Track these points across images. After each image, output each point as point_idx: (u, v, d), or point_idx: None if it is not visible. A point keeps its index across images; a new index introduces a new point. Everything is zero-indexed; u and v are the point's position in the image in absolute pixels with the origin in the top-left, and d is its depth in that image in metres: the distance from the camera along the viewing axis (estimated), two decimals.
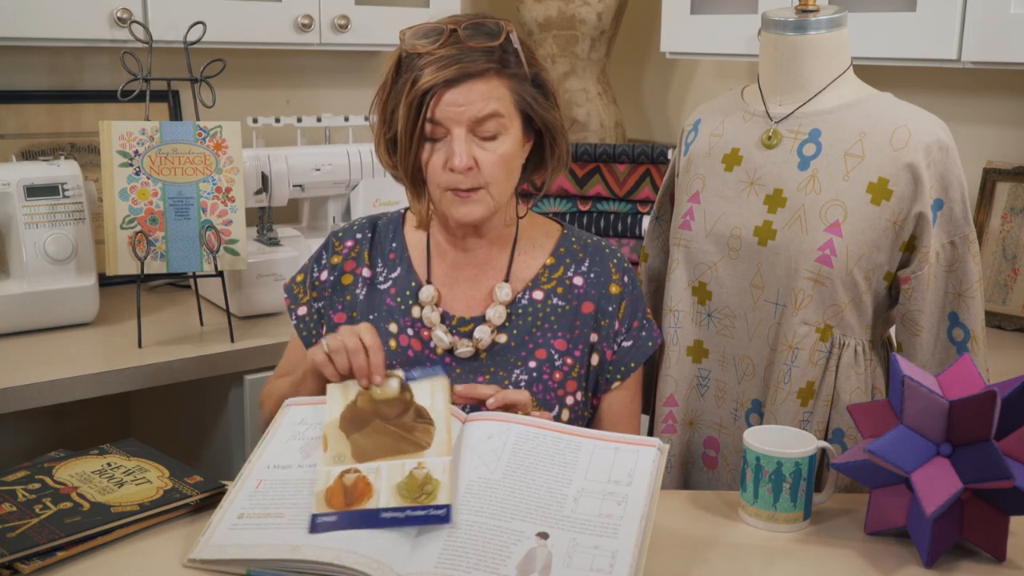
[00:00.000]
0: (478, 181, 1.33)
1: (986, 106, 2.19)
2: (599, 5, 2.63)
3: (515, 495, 1.16)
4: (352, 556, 1.07)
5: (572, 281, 1.44)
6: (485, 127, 1.31)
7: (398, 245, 1.47)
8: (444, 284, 1.44)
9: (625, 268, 1.47)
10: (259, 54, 2.47)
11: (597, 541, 1.11)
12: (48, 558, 1.13)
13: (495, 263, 1.44)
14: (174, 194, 1.86)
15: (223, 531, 1.14)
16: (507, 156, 1.34)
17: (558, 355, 1.41)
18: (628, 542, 1.10)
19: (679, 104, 2.89)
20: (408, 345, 1.42)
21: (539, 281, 1.44)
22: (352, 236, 1.49)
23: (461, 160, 1.30)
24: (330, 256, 1.48)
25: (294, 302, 1.50)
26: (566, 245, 1.47)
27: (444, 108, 1.30)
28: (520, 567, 1.07)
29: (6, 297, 1.89)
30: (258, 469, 1.23)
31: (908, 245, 1.39)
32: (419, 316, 1.42)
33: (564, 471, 1.19)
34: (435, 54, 1.30)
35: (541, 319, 1.42)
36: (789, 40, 1.41)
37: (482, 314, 1.42)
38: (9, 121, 2.22)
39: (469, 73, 1.29)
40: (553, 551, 1.09)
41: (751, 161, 1.44)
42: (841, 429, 1.42)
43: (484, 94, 1.30)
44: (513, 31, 1.34)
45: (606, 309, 1.44)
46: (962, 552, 1.20)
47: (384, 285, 1.45)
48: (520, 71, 1.34)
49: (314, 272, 1.49)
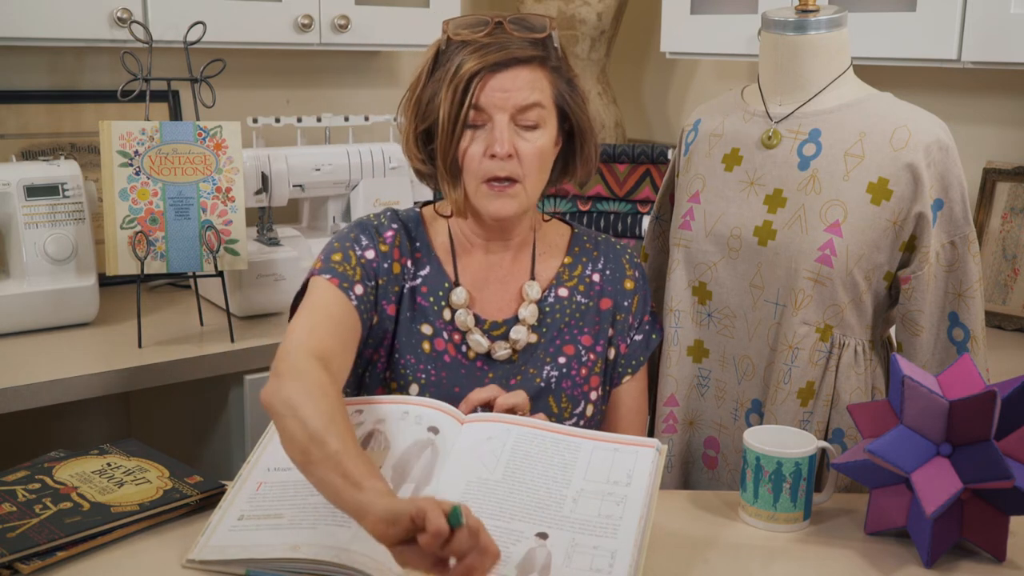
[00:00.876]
0: (516, 171, 1.32)
1: (986, 106, 2.19)
2: (599, 5, 2.63)
3: (514, 495, 1.16)
4: (352, 555, 1.07)
5: (591, 278, 1.46)
6: (527, 115, 1.32)
7: (422, 243, 1.43)
8: (473, 286, 1.42)
9: (636, 263, 1.50)
10: (259, 54, 2.47)
11: (596, 541, 1.11)
12: (48, 558, 1.13)
13: (519, 265, 1.45)
14: (174, 194, 1.86)
15: (223, 532, 1.15)
16: (544, 149, 1.34)
17: (584, 351, 1.43)
18: (627, 542, 1.10)
19: (679, 104, 2.89)
20: (444, 350, 1.39)
21: (562, 279, 1.45)
22: (388, 227, 1.41)
23: (503, 147, 1.29)
24: (376, 243, 1.39)
25: (346, 280, 1.34)
26: (579, 244, 1.49)
27: (489, 93, 1.30)
28: (520, 567, 1.07)
29: (6, 297, 1.89)
30: (257, 471, 1.23)
31: (908, 245, 1.39)
32: (450, 319, 1.40)
33: (563, 472, 1.19)
34: (481, 41, 1.31)
35: (568, 315, 1.43)
36: (789, 40, 1.41)
37: (513, 315, 1.41)
38: (9, 121, 2.22)
39: (517, 58, 1.30)
40: (552, 551, 1.09)
41: (751, 161, 1.44)
42: (841, 429, 1.42)
43: (529, 82, 1.31)
44: (555, 29, 1.36)
45: (622, 304, 1.46)
46: (962, 552, 1.20)
47: (415, 282, 1.41)
48: (560, 66, 1.36)
49: (357, 251, 1.37)
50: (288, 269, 2.04)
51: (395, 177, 2.27)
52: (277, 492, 1.19)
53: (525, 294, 1.42)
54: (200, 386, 1.93)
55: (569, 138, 1.41)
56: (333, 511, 1.13)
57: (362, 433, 1.24)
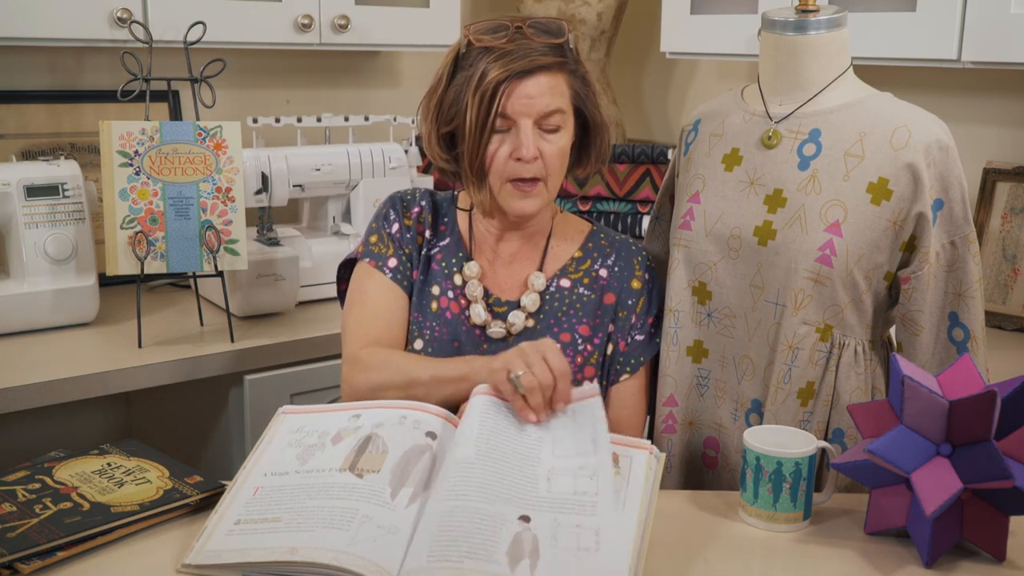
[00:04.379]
0: (540, 172, 1.40)
1: (986, 106, 2.19)
2: (599, 5, 2.63)
3: (491, 474, 1.16)
4: (350, 558, 1.07)
5: (598, 273, 1.51)
6: (550, 120, 1.38)
7: (450, 220, 1.53)
8: (487, 263, 1.50)
9: (648, 266, 1.54)
10: (259, 54, 2.47)
11: (578, 519, 1.12)
12: (48, 558, 1.13)
13: (531, 253, 1.51)
14: (174, 194, 1.86)
15: (219, 537, 1.14)
16: (565, 149, 1.42)
17: (581, 340, 1.47)
18: (608, 517, 1.12)
19: (679, 104, 2.89)
20: (448, 307, 1.47)
21: (567, 270, 1.51)
22: (416, 203, 1.53)
23: (529, 150, 1.36)
24: (402, 217, 1.51)
25: (379, 259, 1.49)
26: (595, 241, 1.54)
27: (515, 100, 1.36)
28: (509, 553, 1.07)
29: (6, 297, 1.89)
30: (254, 476, 1.23)
31: (908, 245, 1.39)
32: (461, 285, 1.48)
33: (532, 450, 1.20)
34: (504, 48, 1.36)
35: (568, 305, 1.48)
36: (789, 40, 1.41)
37: (517, 299, 1.48)
38: (9, 121, 2.22)
39: (541, 66, 1.36)
40: (538, 534, 1.10)
41: (751, 161, 1.44)
42: (841, 429, 1.42)
43: (552, 88, 1.37)
44: (572, 32, 1.41)
45: (626, 302, 1.50)
46: (962, 552, 1.20)
47: (433, 250, 1.51)
48: (577, 68, 1.42)
49: (386, 228, 1.51)
50: (288, 269, 2.04)
51: (395, 177, 2.27)
52: (274, 496, 1.18)
53: (531, 283, 1.48)
54: (200, 386, 1.93)
55: (583, 131, 1.47)
56: (331, 514, 1.13)
57: (360, 437, 1.25)
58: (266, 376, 1.91)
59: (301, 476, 1.20)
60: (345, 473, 1.19)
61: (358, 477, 1.18)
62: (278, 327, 2.01)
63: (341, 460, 1.21)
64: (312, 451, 1.24)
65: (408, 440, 1.24)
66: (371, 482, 1.18)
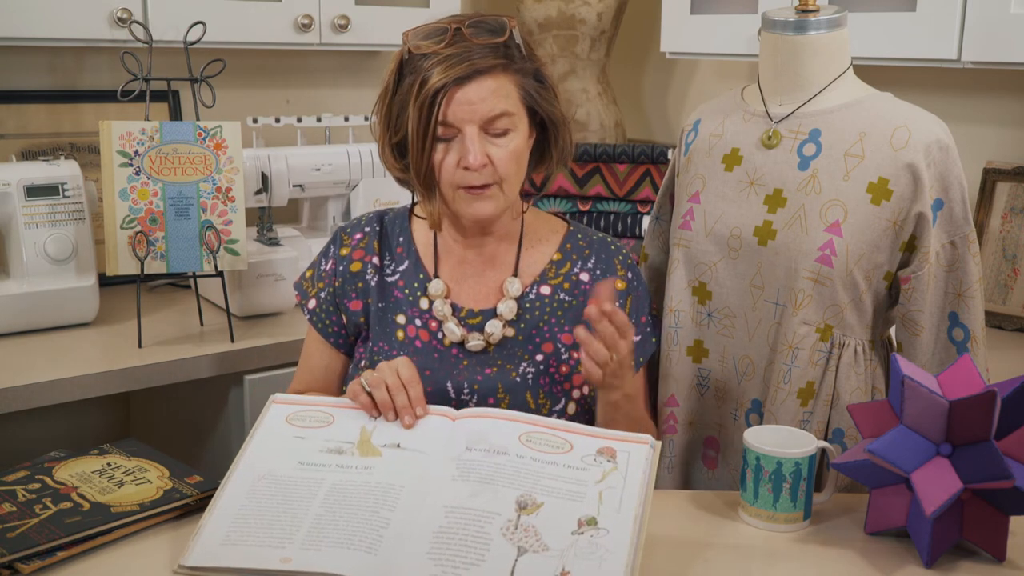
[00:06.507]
0: (492, 177, 1.34)
1: (986, 106, 2.19)
2: (599, 5, 2.63)
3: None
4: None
5: (578, 277, 1.45)
6: (496, 124, 1.33)
7: (405, 240, 1.48)
8: (452, 279, 1.45)
9: (630, 264, 1.49)
10: (259, 54, 2.47)
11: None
12: (48, 558, 1.13)
13: (502, 258, 1.45)
14: (174, 194, 1.86)
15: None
16: (518, 151, 1.35)
17: (565, 349, 1.42)
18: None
19: (679, 104, 2.89)
20: (416, 336, 1.43)
21: (546, 276, 1.45)
22: (360, 229, 1.49)
23: (476, 158, 1.31)
24: (338, 249, 1.49)
25: (304, 296, 1.51)
26: (572, 241, 1.48)
27: (456, 107, 1.30)
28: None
29: (6, 297, 1.89)
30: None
31: (908, 245, 1.39)
32: (427, 308, 1.43)
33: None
34: (442, 53, 1.30)
35: (548, 314, 1.43)
36: (789, 40, 1.41)
37: (491, 307, 1.43)
38: (9, 121, 2.22)
39: (479, 69, 1.30)
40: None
41: (751, 161, 1.44)
42: (841, 429, 1.42)
43: (494, 91, 1.31)
44: (516, 27, 1.35)
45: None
46: (962, 552, 1.20)
47: (392, 277, 1.46)
48: (524, 66, 1.36)
49: (321, 265, 1.50)
50: (288, 269, 2.04)
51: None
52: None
53: (506, 290, 1.43)
54: (200, 386, 1.93)
55: (542, 129, 1.41)
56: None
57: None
58: (266, 376, 1.90)
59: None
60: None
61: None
62: (278, 327, 2.01)
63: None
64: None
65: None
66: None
